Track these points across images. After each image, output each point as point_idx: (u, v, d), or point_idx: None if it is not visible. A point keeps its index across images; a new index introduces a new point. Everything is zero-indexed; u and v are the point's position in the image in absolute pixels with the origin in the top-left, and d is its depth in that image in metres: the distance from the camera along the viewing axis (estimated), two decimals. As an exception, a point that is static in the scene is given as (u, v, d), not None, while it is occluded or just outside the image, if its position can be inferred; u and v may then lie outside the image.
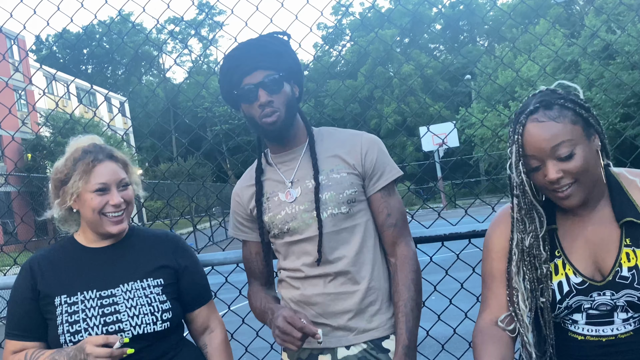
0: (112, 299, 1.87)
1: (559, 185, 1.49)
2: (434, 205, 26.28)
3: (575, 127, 1.47)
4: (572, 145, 1.46)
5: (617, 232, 1.53)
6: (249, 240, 2.09)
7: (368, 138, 2.00)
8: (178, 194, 24.54)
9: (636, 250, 1.50)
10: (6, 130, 3.31)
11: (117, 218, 1.90)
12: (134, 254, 1.97)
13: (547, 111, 1.48)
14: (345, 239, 1.92)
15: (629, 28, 24.31)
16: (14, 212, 3.71)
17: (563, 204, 1.52)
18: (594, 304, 1.53)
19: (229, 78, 1.93)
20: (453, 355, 2.81)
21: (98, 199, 1.88)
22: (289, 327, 1.73)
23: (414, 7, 38.87)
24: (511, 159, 1.53)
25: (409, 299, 1.88)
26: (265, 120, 1.89)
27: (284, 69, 1.92)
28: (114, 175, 1.90)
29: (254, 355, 3.05)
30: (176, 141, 47.33)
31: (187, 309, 2.02)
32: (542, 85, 1.70)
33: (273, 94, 1.89)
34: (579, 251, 1.57)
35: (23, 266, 1.97)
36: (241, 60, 1.90)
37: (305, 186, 1.95)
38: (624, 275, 1.49)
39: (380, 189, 1.95)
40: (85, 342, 1.74)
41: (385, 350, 1.91)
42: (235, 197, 2.10)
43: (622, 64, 24.53)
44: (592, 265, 1.54)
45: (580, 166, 1.47)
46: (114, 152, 1.96)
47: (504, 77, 31.68)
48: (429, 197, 32.77)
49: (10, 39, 9.21)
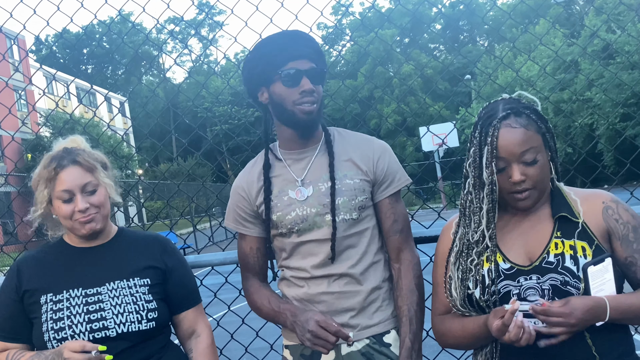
0: (97, 297, 1.87)
1: (520, 187, 1.64)
2: (434, 205, 26.27)
3: (538, 137, 1.65)
4: (536, 152, 1.63)
5: (550, 226, 1.69)
6: (250, 235, 2.07)
7: (380, 145, 2.03)
8: (178, 194, 24.53)
9: (565, 241, 1.64)
10: (6, 130, 3.31)
11: (85, 218, 1.88)
12: (122, 254, 1.97)
13: (518, 118, 1.64)
14: (352, 243, 1.95)
15: (629, 28, 24.31)
16: (14, 212, 3.74)
17: (519, 204, 1.67)
18: (522, 289, 1.64)
19: (268, 59, 1.91)
20: (453, 356, 2.81)
21: (64, 206, 1.87)
22: (322, 332, 1.76)
23: (414, 7, 38.87)
24: (482, 159, 1.65)
25: (413, 304, 1.93)
26: (304, 107, 1.89)
27: (325, 69, 1.96)
28: (76, 181, 1.87)
29: (253, 355, 3.05)
30: (176, 141, 47.32)
31: (174, 311, 2.01)
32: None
33: (316, 85, 1.91)
34: (511, 242, 1.71)
35: (11, 267, 1.98)
36: (289, 45, 1.91)
37: (318, 188, 1.95)
38: (550, 261, 1.63)
39: (389, 196, 1.99)
40: (63, 347, 1.75)
41: (387, 344, 1.95)
42: (239, 191, 2.06)
43: (622, 64, 24.53)
44: (523, 255, 1.68)
45: (540, 173, 1.64)
46: (80, 155, 1.91)
47: (504, 77, 31.69)
48: (429, 197, 32.77)
49: (10, 39, 9.22)
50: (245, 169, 2.11)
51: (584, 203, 1.70)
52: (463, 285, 1.70)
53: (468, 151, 1.71)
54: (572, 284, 1.59)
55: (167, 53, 62.44)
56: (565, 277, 1.60)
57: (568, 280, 1.60)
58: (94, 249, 1.97)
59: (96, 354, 1.73)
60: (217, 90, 42.85)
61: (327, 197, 1.93)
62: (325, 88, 2.03)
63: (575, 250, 1.62)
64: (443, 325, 1.79)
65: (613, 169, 22.25)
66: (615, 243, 1.66)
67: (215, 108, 47.59)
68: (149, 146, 45.60)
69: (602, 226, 1.66)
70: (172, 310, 2.01)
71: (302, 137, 1.98)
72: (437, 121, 33.16)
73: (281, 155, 2.02)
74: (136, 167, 32.78)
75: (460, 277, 1.71)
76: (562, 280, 1.60)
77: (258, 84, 1.97)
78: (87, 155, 1.93)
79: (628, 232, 1.66)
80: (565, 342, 1.57)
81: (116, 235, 2.02)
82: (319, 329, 1.77)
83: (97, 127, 22.88)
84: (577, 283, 1.59)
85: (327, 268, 1.94)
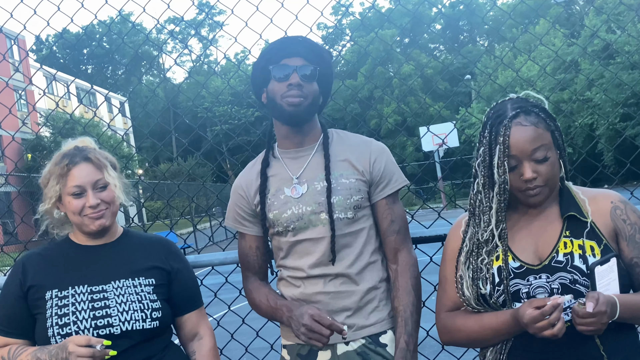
0: (103, 294, 1.89)
1: (531, 184, 1.65)
2: (434, 205, 26.26)
3: (548, 134, 1.67)
4: (546, 149, 1.65)
5: (559, 225, 1.71)
6: (249, 234, 2.09)
7: (377, 146, 2.05)
8: (178, 194, 24.53)
9: (574, 241, 1.66)
10: (6, 130, 3.32)
11: (96, 214, 1.91)
12: (127, 253, 1.99)
13: (528, 117, 1.66)
14: (347, 243, 1.96)
15: (629, 28, 24.32)
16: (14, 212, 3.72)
17: (530, 200, 1.68)
18: (531, 287, 1.66)
19: (268, 56, 1.98)
20: (453, 356, 2.81)
21: (75, 201, 1.90)
22: (317, 326, 1.79)
23: (414, 7, 38.84)
24: (494, 158, 1.66)
25: (409, 304, 1.94)
26: (288, 99, 1.93)
27: (321, 69, 1.98)
28: (88, 177, 1.91)
29: (254, 355, 3.05)
30: (176, 141, 47.32)
31: (177, 313, 2.03)
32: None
33: (305, 81, 1.94)
34: (521, 241, 1.73)
35: (16, 262, 2.00)
36: (286, 45, 1.99)
37: (314, 187, 1.97)
38: (559, 260, 1.65)
39: (386, 196, 2.00)
40: (68, 341, 1.76)
41: (383, 344, 1.96)
42: (238, 191, 2.09)
43: (622, 64, 24.53)
44: (532, 254, 1.70)
45: (550, 170, 1.66)
46: (91, 153, 1.96)
47: (504, 77, 31.68)
48: (429, 197, 32.74)
49: (10, 39, 9.22)
50: (245, 169, 2.14)
51: (592, 203, 1.72)
52: (475, 285, 1.72)
53: (477, 151, 1.73)
54: (581, 282, 1.61)
55: (167, 53, 62.46)
56: (574, 275, 1.62)
57: (577, 278, 1.62)
58: (100, 247, 1.98)
59: (101, 347, 1.74)
60: (217, 90, 42.82)
61: (323, 195, 1.95)
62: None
63: (584, 250, 1.64)
64: (454, 321, 1.80)
65: (613, 169, 22.24)
66: (622, 243, 1.68)
67: (215, 108, 47.56)
68: (149, 146, 45.60)
69: (610, 226, 1.68)
70: (175, 312, 2.02)
71: (295, 133, 2.01)
72: (437, 121, 33.10)
73: (279, 154, 2.05)
74: (136, 167, 32.79)
75: (471, 277, 1.73)
76: (571, 279, 1.62)
77: (261, 86, 2.03)
78: (98, 154, 1.98)
79: (635, 233, 1.68)
80: (574, 341, 1.59)
81: (122, 236, 2.04)
82: (313, 322, 1.79)
83: (97, 127, 22.86)
84: (586, 282, 1.60)
85: (322, 268, 1.95)
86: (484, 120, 1.74)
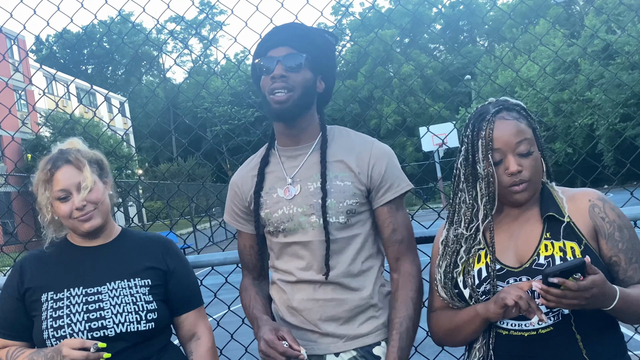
0: (97, 296, 1.88)
1: (517, 178, 1.64)
2: (434, 206, 26.25)
3: (530, 130, 1.68)
4: (530, 144, 1.65)
5: (540, 227, 1.69)
6: (244, 231, 2.05)
7: (379, 148, 1.93)
8: (178, 194, 24.51)
9: (554, 243, 1.65)
10: (6, 130, 3.31)
11: (84, 216, 1.89)
12: (124, 254, 1.97)
13: (510, 112, 1.68)
14: (338, 249, 1.87)
15: (629, 28, 24.30)
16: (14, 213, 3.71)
17: (515, 197, 1.67)
18: None
19: (257, 50, 1.92)
20: (453, 356, 2.81)
21: (62, 206, 1.89)
22: (271, 351, 1.72)
23: (414, 7, 38.85)
24: (477, 153, 1.67)
25: (406, 318, 1.85)
26: (275, 96, 1.84)
27: (311, 55, 1.87)
28: (71, 179, 1.88)
29: (253, 355, 3.04)
30: (176, 141, 47.31)
31: (174, 313, 2.01)
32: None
33: (290, 71, 1.84)
34: (501, 243, 1.71)
35: (14, 265, 2.00)
36: (273, 35, 1.90)
37: (307, 188, 1.89)
38: (540, 263, 1.63)
39: (387, 203, 1.89)
40: (62, 345, 1.75)
41: (377, 357, 1.87)
42: (234, 187, 2.05)
43: (622, 64, 24.53)
44: (513, 256, 1.69)
45: (534, 165, 1.65)
46: (72, 155, 1.93)
47: (503, 77, 31.69)
48: (429, 197, 32.73)
49: (10, 39, 9.23)
50: (243, 165, 2.09)
51: (571, 202, 1.71)
52: (446, 285, 1.73)
53: (459, 151, 1.72)
54: None
55: (167, 53, 62.47)
56: None
57: None
58: (96, 248, 1.97)
59: (95, 347, 1.73)
60: (217, 91, 42.79)
61: (314, 197, 1.86)
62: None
63: (565, 252, 1.63)
64: (436, 321, 1.82)
65: (613, 169, 22.24)
66: (602, 241, 1.67)
67: (215, 108, 47.55)
68: (149, 146, 45.58)
69: (589, 224, 1.67)
70: (173, 311, 2.00)
71: (290, 129, 1.92)
72: (437, 121, 33.10)
73: (277, 152, 1.98)
74: (136, 167, 32.77)
75: (442, 274, 1.74)
76: None
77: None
78: (80, 154, 1.94)
79: (614, 231, 1.66)
80: (557, 346, 1.58)
81: (119, 236, 2.02)
82: (267, 348, 1.73)
83: (97, 127, 22.87)
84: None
85: (311, 273, 1.87)
86: (465, 123, 1.74)
